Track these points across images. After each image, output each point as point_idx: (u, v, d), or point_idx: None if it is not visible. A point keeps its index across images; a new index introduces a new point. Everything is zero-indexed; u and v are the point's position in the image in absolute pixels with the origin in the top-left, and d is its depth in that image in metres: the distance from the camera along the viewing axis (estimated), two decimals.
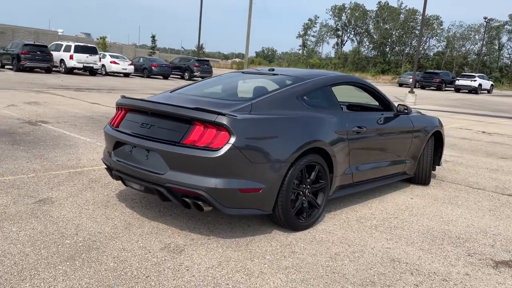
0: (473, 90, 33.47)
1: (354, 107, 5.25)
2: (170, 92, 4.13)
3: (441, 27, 64.72)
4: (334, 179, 3.77)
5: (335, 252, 3.16)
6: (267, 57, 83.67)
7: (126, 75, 25.53)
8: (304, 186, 3.48)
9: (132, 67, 25.38)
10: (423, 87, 35.23)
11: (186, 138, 3.10)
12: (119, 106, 3.67)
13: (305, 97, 3.74)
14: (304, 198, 3.50)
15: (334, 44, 77.15)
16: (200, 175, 3.03)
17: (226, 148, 3.00)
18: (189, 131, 3.11)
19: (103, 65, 24.06)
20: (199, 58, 30.33)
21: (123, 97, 3.71)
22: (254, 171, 3.11)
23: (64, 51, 22.38)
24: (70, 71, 22.24)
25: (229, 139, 3.02)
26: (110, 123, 3.72)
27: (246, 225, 3.52)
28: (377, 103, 4.81)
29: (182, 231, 3.32)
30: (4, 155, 5.11)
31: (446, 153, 6.95)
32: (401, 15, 65.66)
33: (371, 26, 69.61)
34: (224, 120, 3.01)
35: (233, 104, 3.36)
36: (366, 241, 3.43)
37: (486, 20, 52.65)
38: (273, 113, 3.39)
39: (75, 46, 22.29)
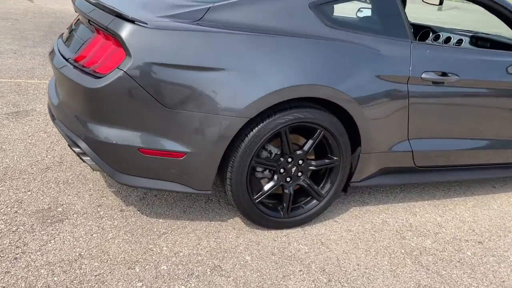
0: None
1: (480, 40, 3.28)
2: None
3: None
4: (365, 157, 2.29)
5: None
6: None
7: None
8: (287, 159, 2.27)
9: None
10: None
11: (79, 52, 2.00)
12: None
13: (327, 7, 2.11)
14: (287, 179, 2.33)
15: None
16: (83, 116, 1.88)
17: (113, 76, 1.85)
18: (87, 43, 2.00)
19: None
20: None
21: None
22: (169, 123, 1.84)
23: None
24: None
25: (122, 62, 1.74)
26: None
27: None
28: None
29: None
30: None
31: None
32: None
33: None
34: (119, 29, 1.87)
35: (182, 6, 2.08)
36: None
37: None
38: (243, 28, 1.91)
39: None
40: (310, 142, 2.27)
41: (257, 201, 2.25)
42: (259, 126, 2.09)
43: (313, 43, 2.15)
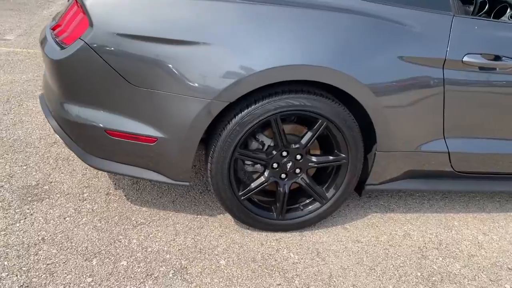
0: None
1: None
2: None
3: None
4: (382, 156, 1.92)
5: None
6: None
7: None
8: (281, 153, 1.94)
9: None
10: None
11: (57, 20, 1.84)
12: None
13: None
14: (282, 176, 2.00)
15: None
16: (53, 91, 1.77)
17: (74, 47, 1.66)
18: (65, 11, 1.82)
19: None
20: None
21: None
22: (138, 103, 1.63)
23: None
24: None
25: (84, 32, 1.56)
26: None
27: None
28: None
29: None
30: None
31: None
32: None
33: None
34: None
35: None
36: None
37: None
38: None
39: None
40: (309, 134, 1.91)
41: (243, 198, 1.96)
42: (243, 113, 1.78)
43: (312, 14, 1.76)
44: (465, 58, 1.87)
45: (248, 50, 1.69)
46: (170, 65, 1.68)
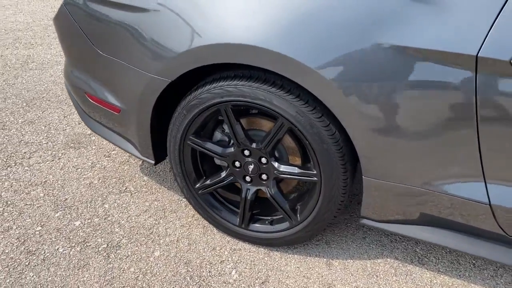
0: None
1: None
2: None
3: None
4: (374, 185, 1.49)
5: None
6: None
7: None
8: (242, 150, 1.62)
9: None
10: None
11: None
12: None
13: None
14: (246, 178, 1.69)
15: None
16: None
17: (59, 9, 1.72)
18: None
19: None
20: None
21: None
22: (106, 71, 1.67)
23: None
24: None
25: None
26: None
27: None
28: None
29: None
30: None
31: None
32: None
33: None
34: None
35: None
36: None
37: None
38: None
39: None
40: (270, 134, 1.50)
41: (200, 191, 1.71)
42: (190, 96, 1.53)
43: None
44: None
45: (192, 23, 1.42)
46: (126, 33, 1.56)
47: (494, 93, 1.16)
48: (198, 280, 1.58)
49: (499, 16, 1.13)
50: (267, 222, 1.70)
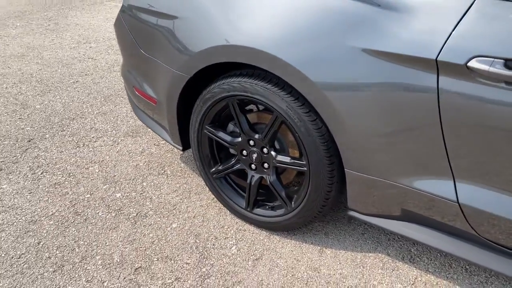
0: None
1: None
2: None
3: None
4: (356, 178, 1.64)
5: None
6: None
7: None
8: (247, 140, 1.86)
9: None
10: None
11: None
12: None
13: None
14: (252, 166, 1.91)
15: None
16: None
17: (117, 16, 2.14)
18: None
19: None
20: None
21: None
22: (146, 67, 2.04)
23: None
24: None
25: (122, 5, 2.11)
26: None
27: None
28: None
29: None
30: None
31: None
32: None
33: None
34: None
35: None
36: None
37: None
38: None
39: None
40: (267, 126, 1.69)
41: (214, 175, 1.95)
42: (206, 90, 1.78)
43: None
44: (472, 63, 1.20)
45: (204, 28, 1.68)
46: (160, 36, 1.88)
47: (454, 95, 1.25)
48: (201, 250, 1.82)
49: (459, 24, 1.24)
50: (268, 207, 1.89)
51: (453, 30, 1.24)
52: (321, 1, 1.45)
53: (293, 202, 1.78)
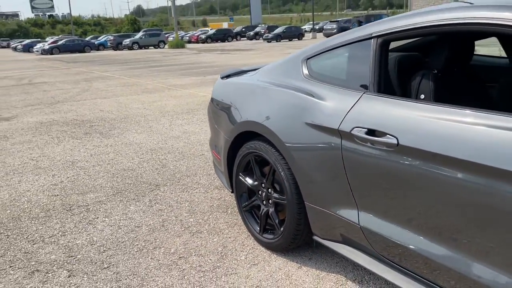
0: None
1: None
2: None
3: None
4: (310, 208, 2.38)
5: None
6: None
7: None
8: (260, 183, 2.75)
9: None
10: None
11: None
12: None
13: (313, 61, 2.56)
14: (263, 201, 2.75)
15: None
16: None
17: (209, 102, 3.39)
18: None
19: None
20: None
21: None
22: (216, 136, 3.22)
23: None
24: None
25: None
26: None
27: None
28: None
29: None
30: None
31: None
32: None
33: None
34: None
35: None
36: None
37: None
38: (263, 80, 2.92)
39: None
40: (268, 173, 2.54)
41: (244, 209, 2.82)
42: (240, 149, 2.76)
43: (271, 91, 2.57)
44: (354, 131, 1.96)
45: (235, 112, 2.75)
46: (222, 116, 3.00)
47: (349, 152, 2.02)
48: (217, 264, 2.68)
49: (354, 105, 2.03)
50: (269, 232, 2.67)
51: (350, 110, 2.04)
52: (289, 96, 2.41)
53: (282, 228, 2.55)
